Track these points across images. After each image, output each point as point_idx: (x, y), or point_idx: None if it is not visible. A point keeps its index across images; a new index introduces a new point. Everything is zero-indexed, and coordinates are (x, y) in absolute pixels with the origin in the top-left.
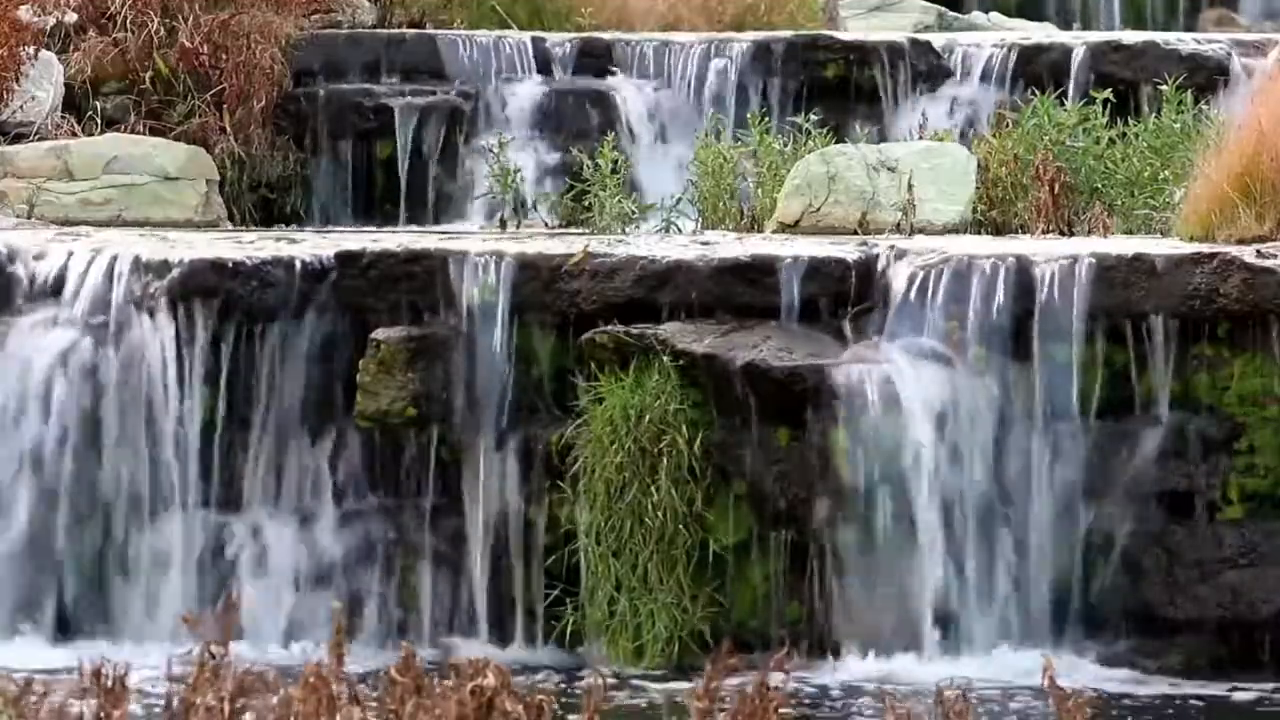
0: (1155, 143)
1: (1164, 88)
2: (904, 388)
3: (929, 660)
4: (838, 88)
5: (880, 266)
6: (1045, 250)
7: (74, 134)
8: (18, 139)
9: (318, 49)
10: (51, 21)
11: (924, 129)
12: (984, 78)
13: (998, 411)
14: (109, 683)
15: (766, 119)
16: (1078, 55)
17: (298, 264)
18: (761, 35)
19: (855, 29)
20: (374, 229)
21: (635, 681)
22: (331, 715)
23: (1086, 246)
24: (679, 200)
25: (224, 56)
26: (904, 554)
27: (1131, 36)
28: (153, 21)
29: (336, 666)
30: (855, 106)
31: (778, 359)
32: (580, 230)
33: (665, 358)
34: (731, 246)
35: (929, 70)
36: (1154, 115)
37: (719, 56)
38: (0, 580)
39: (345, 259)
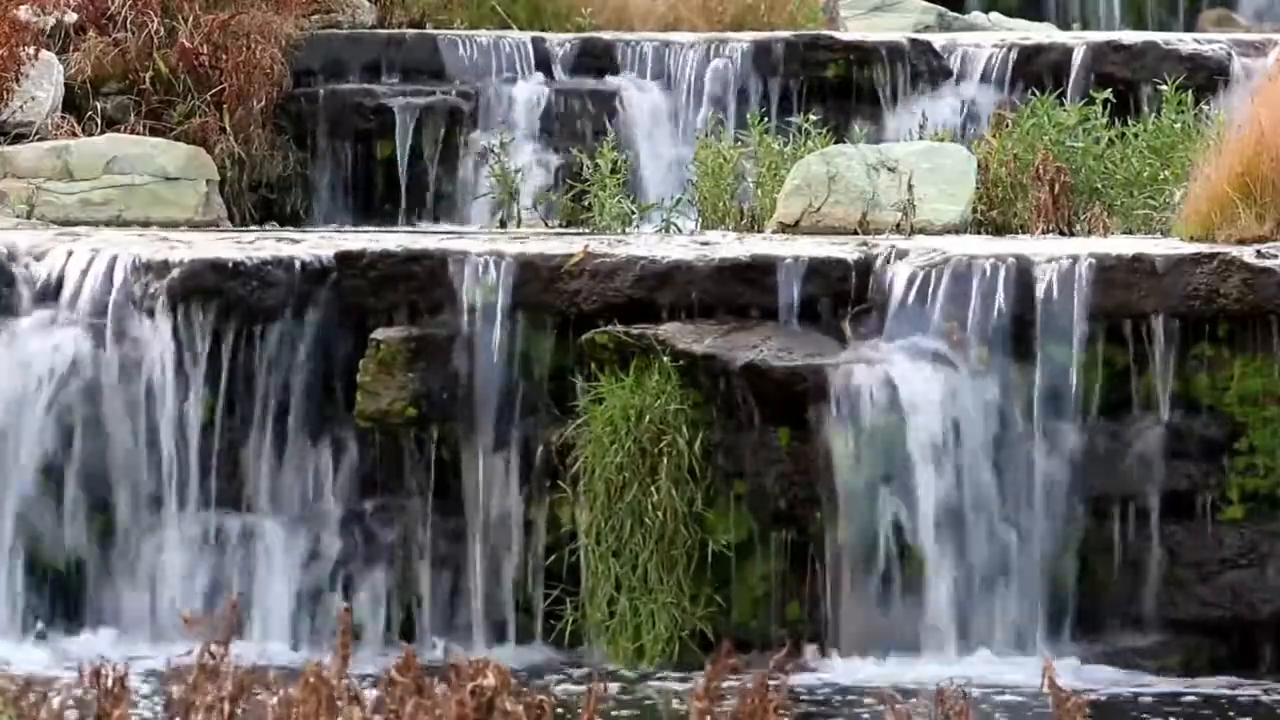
0: (1155, 143)
1: (1164, 88)
2: (904, 388)
3: (929, 660)
4: (838, 88)
5: (880, 267)
6: (1045, 250)
7: (74, 134)
8: (18, 139)
9: (318, 49)
10: (51, 21)
11: (924, 129)
12: (984, 78)
13: (998, 411)
14: (109, 683)
15: (766, 119)
16: (1078, 55)
17: (298, 264)
18: (761, 35)
19: (855, 29)
20: (374, 229)
21: (635, 681)
22: (331, 715)
23: (1086, 246)
24: (679, 200)
25: (224, 56)
26: (904, 554)
27: (1131, 36)
28: (153, 21)
29: (341, 667)
30: (855, 106)
31: (778, 359)
32: (580, 230)
33: (665, 358)
34: (731, 246)
35: (929, 70)
36: (1154, 115)
37: (719, 56)
38: (1, 580)
39: (345, 259)
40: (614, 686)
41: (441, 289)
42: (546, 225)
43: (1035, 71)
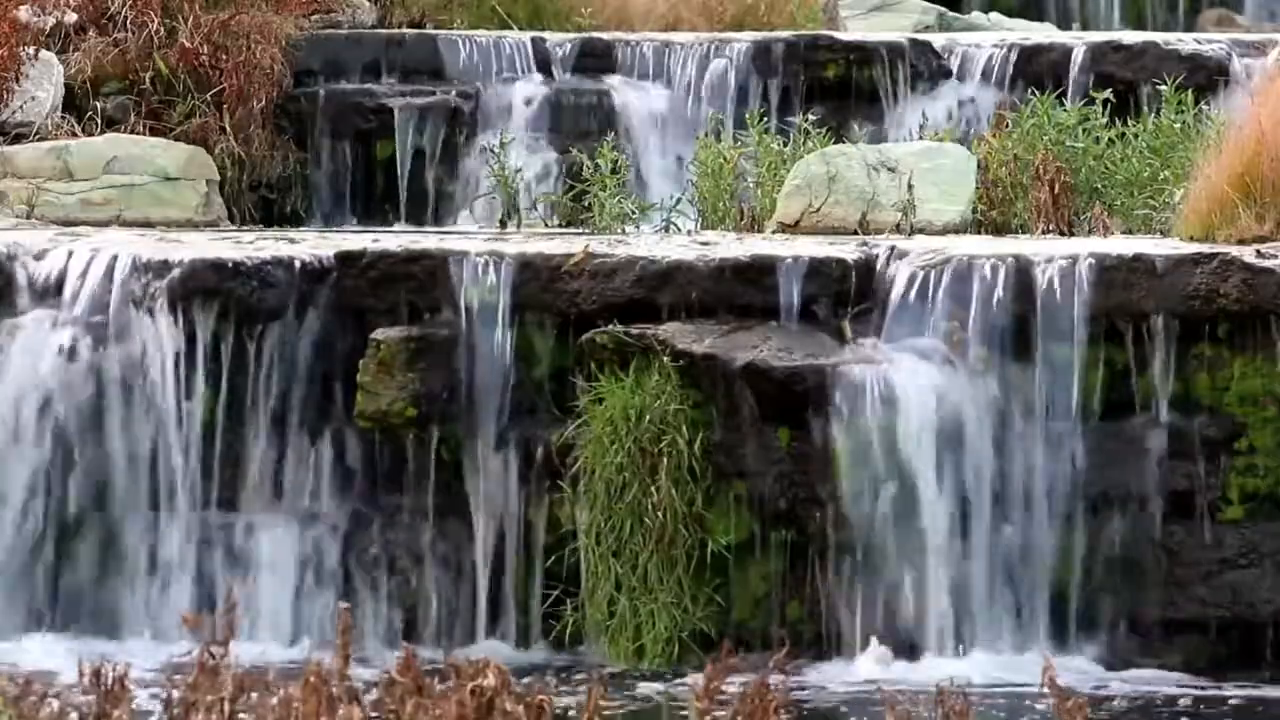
0: (1155, 143)
1: (1164, 88)
2: (904, 388)
3: (929, 660)
4: (838, 88)
5: (880, 266)
6: (1045, 250)
7: (74, 134)
8: (18, 139)
9: (318, 49)
10: (51, 21)
11: (924, 129)
12: (984, 78)
13: (998, 412)
14: (109, 683)
15: (766, 119)
16: (1078, 55)
17: (298, 264)
18: (761, 35)
19: (855, 29)
20: (374, 229)
21: (635, 682)
22: (331, 715)
23: (1086, 246)
24: (679, 200)
25: (224, 56)
26: (904, 554)
27: (1131, 36)
28: (153, 21)
29: (343, 667)
30: (855, 106)
31: (778, 359)
32: (580, 230)
33: (665, 358)
34: (731, 246)
35: (929, 70)
36: (1154, 115)
37: (719, 56)
38: (1, 580)
39: (345, 259)
40: (614, 686)
41: (441, 289)
42: (546, 225)
43: (1035, 71)
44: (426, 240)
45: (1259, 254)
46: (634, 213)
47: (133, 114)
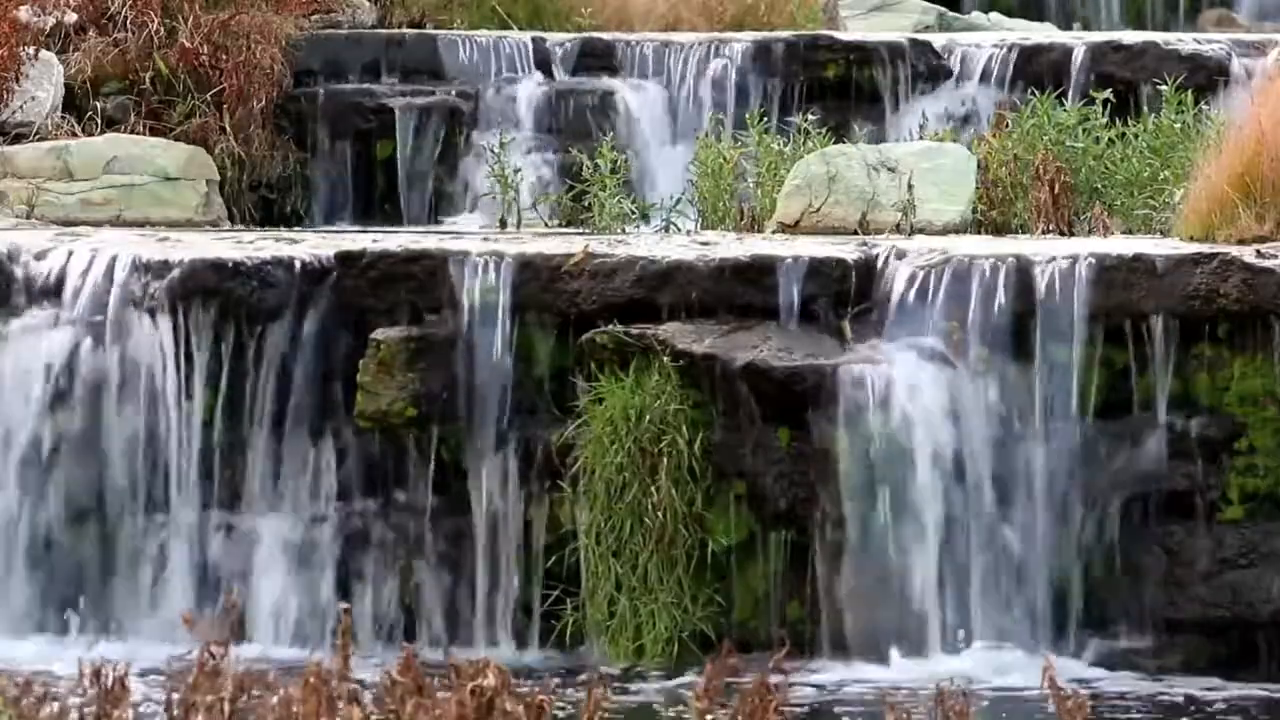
0: (1155, 143)
1: (1164, 88)
2: (904, 388)
3: (929, 660)
4: (838, 88)
5: (880, 266)
6: (1045, 250)
7: (74, 134)
8: (18, 139)
9: (318, 49)
10: (51, 21)
11: (924, 129)
12: (984, 78)
13: (997, 411)
14: (109, 683)
15: (766, 119)
16: (1078, 55)
17: (298, 264)
18: (761, 35)
19: (855, 29)
20: (374, 229)
21: (635, 682)
22: (331, 715)
23: (1086, 246)
24: (679, 200)
25: (224, 56)
26: (904, 554)
27: (1131, 36)
28: (153, 21)
29: (343, 667)
30: (855, 106)
31: (778, 359)
32: (580, 230)
33: (665, 358)
34: (731, 246)
35: (929, 70)
36: (1154, 115)
37: (719, 56)
38: (1, 581)
39: (345, 259)
40: (614, 686)
41: (441, 289)
42: (546, 225)
43: (1035, 71)
44: (426, 240)
45: (1259, 254)
46: (634, 213)
47: (133, 114)
